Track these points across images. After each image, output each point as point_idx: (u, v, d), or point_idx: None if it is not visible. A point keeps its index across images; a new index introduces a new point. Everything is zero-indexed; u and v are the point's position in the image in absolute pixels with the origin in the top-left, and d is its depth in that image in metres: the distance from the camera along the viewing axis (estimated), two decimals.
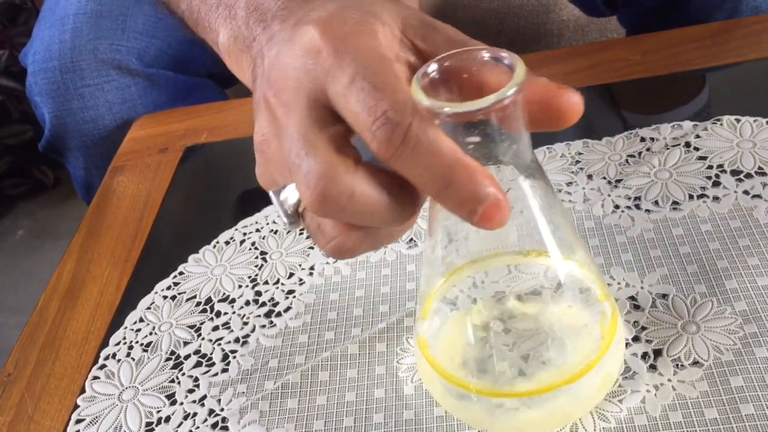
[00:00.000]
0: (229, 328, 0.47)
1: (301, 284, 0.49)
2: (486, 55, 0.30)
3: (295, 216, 0.32)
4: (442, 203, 0.29)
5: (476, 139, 0.29)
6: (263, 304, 0.48)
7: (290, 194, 0.32)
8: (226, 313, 0.48)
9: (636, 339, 0.40)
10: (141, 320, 0.49)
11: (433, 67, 0.30)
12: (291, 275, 0.49)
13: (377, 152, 0.29)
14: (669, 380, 0.38)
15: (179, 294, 0.50)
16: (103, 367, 0.46)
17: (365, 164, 0.30)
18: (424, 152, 0.28)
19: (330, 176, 0.29)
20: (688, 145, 0.52)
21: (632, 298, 0.42)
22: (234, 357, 0.45)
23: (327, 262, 0.50)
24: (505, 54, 0.29)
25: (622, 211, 0.48)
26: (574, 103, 0.29)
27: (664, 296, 0.42)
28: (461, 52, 0.30)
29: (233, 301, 0.49)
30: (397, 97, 0.29)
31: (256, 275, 0.50)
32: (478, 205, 0.28)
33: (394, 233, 0.33)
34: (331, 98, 0.30)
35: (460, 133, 0.29)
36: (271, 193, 0.32)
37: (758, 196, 0.47)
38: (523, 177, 0.32)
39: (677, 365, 0.38)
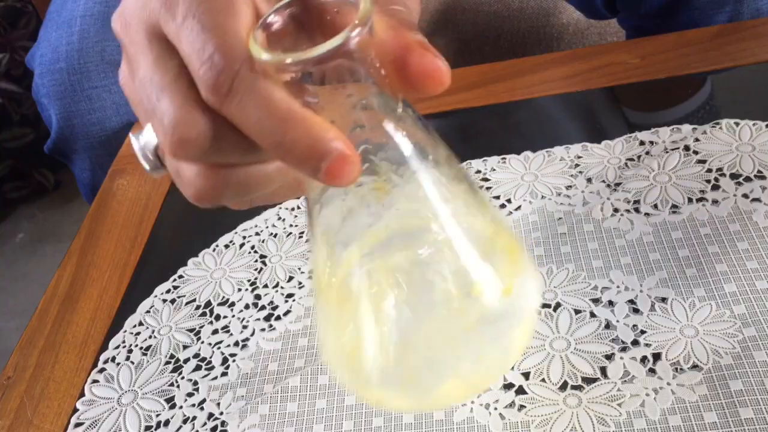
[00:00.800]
0: (228, 331, 0.47)
1: (300, 287, 0.49)
2: None
3: (156, 161, 0.30)
4: (283, 160, 0.26)
5: (326, 98, 0.26)
6: (263, 307, 0.48)
7: (150, 137, 0.30)
8: (225, 317, 0.48)
9: (635, 343, 0.40)
10: (140, 324, 0.49)
11: (273, 17, 0.27)
12: (291, 278, 0.49)
13: (206, 99, 0.27)
14: (668, 384, 0.38)
15: (179, 297, 0.50)
16: (102, 370, 0.46)
17: None
18: (254, 103, 0.26)
19: (185, 119, 0.27)
20: (687, 148, 0.52)
21: (631, 301, 0.42)
22: (233, 360, 0.45)
23: None
24: None
25: (622, 215, 0.48)
26: (434, 68, 0.26)
27: (663, 300, 0.42)
28: None
29: (233, 304, 0.49)
30: (227, 39, 0.26)
31: (256, 279, 0.50)
32: (320, 161, 0.25)
33: (268, 190, 0.30)
34: (167, 34, 0.28)
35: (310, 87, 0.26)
36: (131, 137, 0.30)
37: (757, 200, 0.47)
38: (392, 126, 0.28)
39: (676, 369, 0.38)
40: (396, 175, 0.29)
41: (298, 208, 0.56)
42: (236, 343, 0.46)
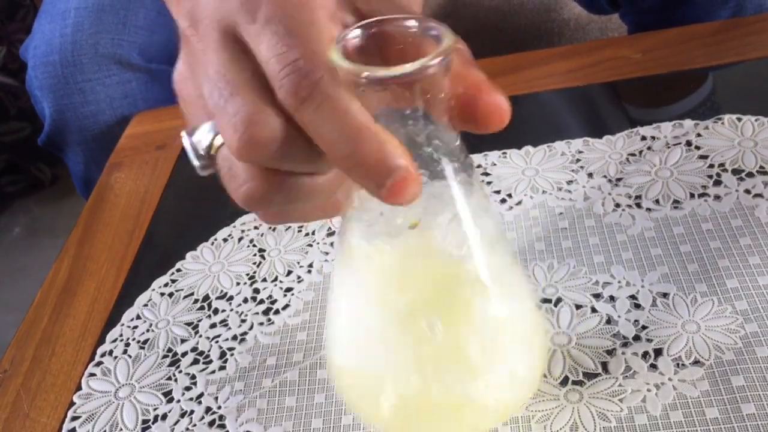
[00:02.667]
0: (226, 325, 0.46)
1: (299, 281, 0.48)
2: (414, 24, 0.27)
3: (208, 159, 0.30)
4: (347, 172, 0.27)
5: (397, 110, 0.27)
6: (261, 301, 0.48)
7: (204, 136, 0.30)
8: (223, 311, 0.47)
9: (636, 338, 0.40)
10: (138, 317, 0.48)
11: (355, 33, 0.27)
12: (289, 272, 0.49)
13: (283, 102, 0.27)
14: (670, 379, 0.38)
15: (177, 291, 0.50)
16: (99, 364, 0.46)
17: None
18: (332, 111, 0.26)
19: (258, 119, 0.27)
20: (689, 143, 0.51)
21: (633, 296, 0.42)
22: (232, 354, 0.44)
23: (325, 260, 0.49)
24: (433, 24, 0.27)
25: (623, 210, 0.48)
26: (499, 109, 0.27)
27: (665, 295, 0.42)
28: (389, 19, 0.28)
29: (231, 298, 0.48)
30: (311, 47, 0.26)
31: (255, 272, 0.50)
32: (387, 178, 0.26)
33: (312, 206, 0.31)
34: (243, 36, 0.28)
35: (381, 102, 0.27)
36: (183, 134, 0.30)
37: (759, 195, 0.46)
38: (447, 162, 0.29)
39: (678, 364, 0.38)
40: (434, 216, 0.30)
41: None
42: (234, 337, 0.46)
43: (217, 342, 0.46)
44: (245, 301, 0.48)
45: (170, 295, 0.50)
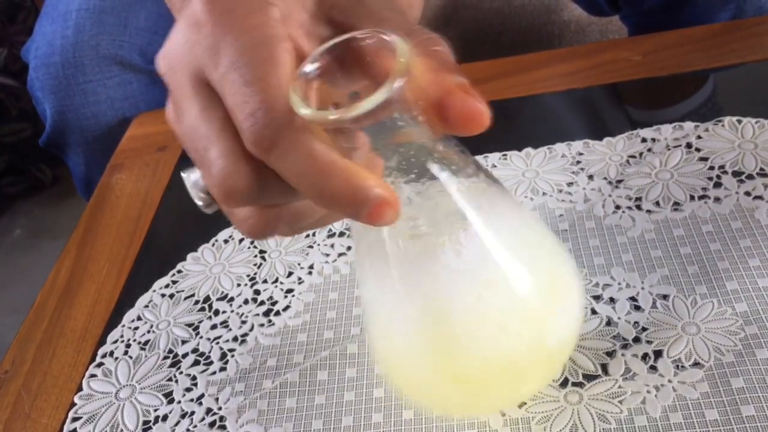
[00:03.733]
0: (227, 326, 0.47)
1: (300, 283, 0.48)
2: (371, 42, 0.27)
3: (209, 198, 0.31)
4: (324, 207, 0.28)
5: (370, 134, 0.28)
6: (262, 302, 0.48)
7: (200, 176, 0.31)
8: (224, 312, 0.48)
9: (636, 340, 0.40)
10: (139, 318, 0.49)
11: (310, 67, 0.28)
12: (290, 274, 0.49)
13: (251, 151, 0.27)
14: (669, 381, 0.38)
15: (177, 292, 0.50)
16: (100, 365, 0.46)
17: None
18: (295, 156, 0.27)
19: (231, 171, 0.28)
20: (689, 145, 0.51)
21: (633, 298, 0.42)
22: (232, 356, 0.45)
23: (326, 261, 0.49)
24: (388, 39, 0.27)
25: (623, 212, 0.48)
26: (474, 113, 0.27)
27: (665, 297, 0.42)
28: (345, 40, 0.28)
29: (232, 299, 0.48)
30: (269, 94, 0.27)
31: (255, 274, 0.50)
32: (361, 208, 0.26)
33: (317, 218, 0.31)
34: (210, 83, 0.29)
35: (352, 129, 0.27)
36: (183, 175, 0.31)
37: (760, 198, 0.46)
38: (434, 165, 0.29)
39: (678, 366, 0.38)
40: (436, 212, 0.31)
41: None
42: (235, 338, 0.46)
43: (217, 343, 0.46)
44: (246, 302, 0.48)
45: (171, 296, 0.50)
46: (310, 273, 0.49)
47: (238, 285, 0.49)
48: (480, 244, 0.31)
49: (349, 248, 0.50)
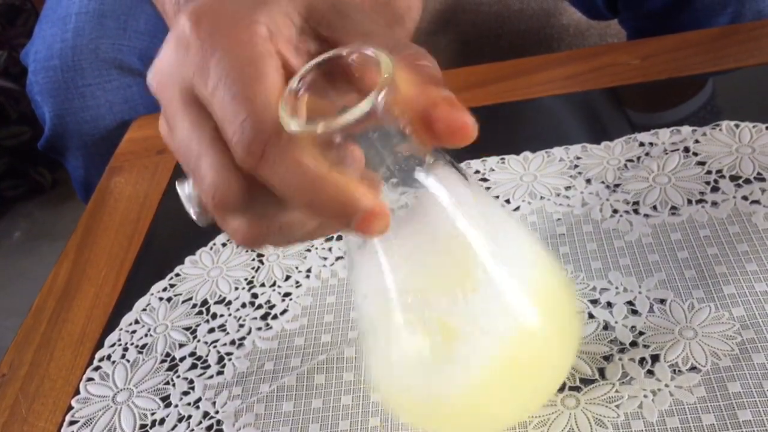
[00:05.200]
0: (224, 330, 0.47)
1: (297, 287, 0.48)
2: (355, 57, 0.28)
3: (202, 207, 0.31)
4: (315, 217, 0.29)
5: (363, 149, 0.28)
6: (259, 306, 0.48)
7: (194, 188, 0.31)
8: (222, 316, 0.48)
9: (633, 344, 0.40)
10: (136, 322, 0.49)
11: (299, 83, 0.28)
12: (288, 278, 0.49)
13: (240, 164, 0.28)
14: (666, 386, 0.38)
15: (175, 296, 0.50)
16: (97, 368, 0.46)
17: None
18: (284, 167, 0.27)
19: (222, 182, 0.28)
20: (687, 150, 0.51)
21: (630, 302, 0.42)
22: (229, 359, 0.45)
23: (324, 265, 0.49)
24: (371, 54, 0.27)
25: (621, 216, 0.48)
26: (459, 126, 0.27)
27: (662, 301, 0.42)
28: (332, 56, 0.28)
29: (229, 303, 0.48)
30: (256, 108, 0.27)
31: (253, 277, 0.50)
32: (351, 218, 0.27)
33: (309, 229, 0.32)
34: (200, 99, 0.29)
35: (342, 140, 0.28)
36: (177, 186, 0.32)
37: (757, 202, 0.46)
38: (424, 175, 0.30)
39: (675, 370, 0.38)
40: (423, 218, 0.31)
41: None
42: (232, 342, 0.46)
43: (215, 347, 0.46)
44: (243, 305, 0.48)
45: (169, 299, 0.50)
46: (307, 277, 0.49)
47: (236, 289, 0.49)
48: (475, 265, 0.32)
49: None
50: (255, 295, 0.49)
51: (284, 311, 0.47)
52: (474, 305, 0.32)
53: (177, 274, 0.51)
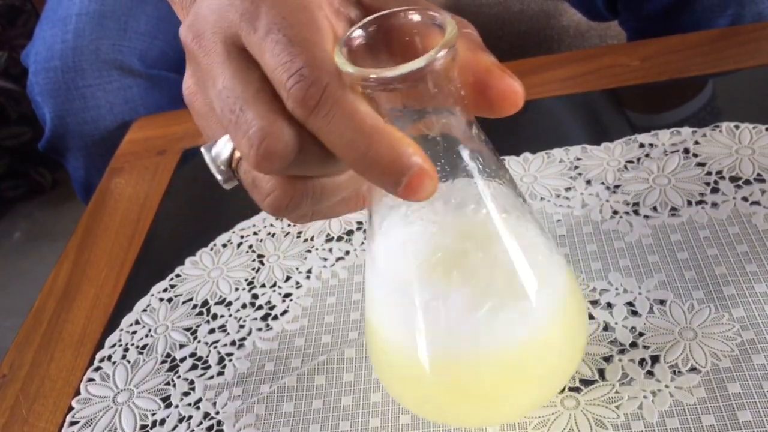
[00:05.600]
0: (225, 331, 0.47)
1: (298, 287, 0.48)
2: (416, 16, 0.27)
3: (230, 172, 0.30)
4: (363, 174, 0.27)
5: (406, 107, 0.27)
6: (260, 307, 0.48)
7: (222, 149, 0.30)
8: (222, 316, 0.48)
9: (633, 345, 0.40)
10: (137, 322, 0.49)
11: (358, 33, 0.27)
12: (288, 278, 0.49)
13: (292, 112, 0.27)
14: (666, 386, 0.38)
15: (176, 296, 0.50)
16: (98, 369, 0.46)
17: None
18: (341, 116, 0.26)
19: (271, 131, 0.27)
20: (687, 151, 0.51)
21: (630, 303, 0.42)
22: (230, 360, 0.45)
23: (324, 266, 0.49)
24: (435, 14, 0.27)
25: (621, 217, 0.48)
26: (511, 93, 0.27)
27: (662, 302, 0.42)
28: (391, 13, 0.28)
29: (230, 303, 0.48)
30: (315, 53, 0.26)
31: (253, 278, 0.50)
32: (401, 176, 0.26)
33: (340, 199, 0.31)
34: (247, 46, 0.28)
35: (390, 101, 0.27)
36: (202, 149, 0.31)
37: (757, 203, 0.46)
38: (463, 149, 0.29)
39: (674, 371, 0.38)
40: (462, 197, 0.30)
41: None
42: (233, 343, 0.46)
43: (215, 347, 0.46)
44: (244, 306, 0.48)
45: (169, 300, 0.50)
46: (308, 277, 0.49)
47: (236, 289, 0.49)
48: (499, 258, 0.31)
49: (347, 253, 0.50)
50: (255, 296, 0.49)
51: (285, 312, 0.47)
52: (490, 300, 0.31)
53: (177, 275, 0.52)
